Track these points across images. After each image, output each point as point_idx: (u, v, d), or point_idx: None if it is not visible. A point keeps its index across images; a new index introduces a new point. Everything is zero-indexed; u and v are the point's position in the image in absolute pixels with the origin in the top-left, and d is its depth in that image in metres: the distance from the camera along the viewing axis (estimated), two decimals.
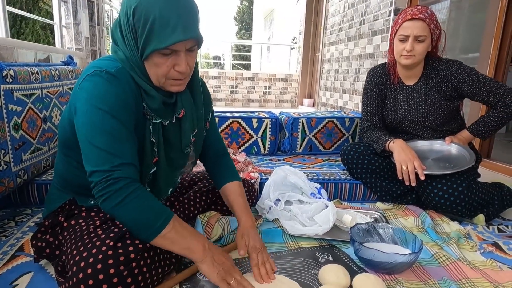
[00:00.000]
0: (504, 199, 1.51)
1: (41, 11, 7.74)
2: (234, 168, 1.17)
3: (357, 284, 0.94)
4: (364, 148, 1.61)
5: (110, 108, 0.79)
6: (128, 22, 0.80)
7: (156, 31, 0.78)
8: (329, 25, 5.53)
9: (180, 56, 0.82)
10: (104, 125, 0.79)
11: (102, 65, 0.82)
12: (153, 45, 0.79)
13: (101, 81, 0.80)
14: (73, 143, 0.90)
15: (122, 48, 0.84)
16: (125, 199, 0.78)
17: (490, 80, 1.43)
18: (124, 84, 0.82)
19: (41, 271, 0.98)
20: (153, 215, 0.80)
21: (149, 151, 0.90)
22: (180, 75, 0.85)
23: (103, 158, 0.78)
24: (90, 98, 0.79)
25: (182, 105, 0.93)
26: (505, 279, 1.01)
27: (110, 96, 0.79)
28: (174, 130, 0.95)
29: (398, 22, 1.45)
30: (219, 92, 6.89)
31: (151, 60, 0.82)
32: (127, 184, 0.78)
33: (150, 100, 0.87)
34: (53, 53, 2.50)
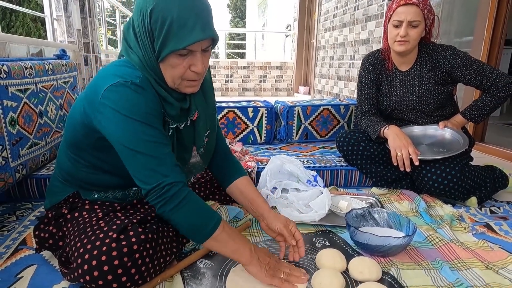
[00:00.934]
0: (496, 181, 1.55)
1: (30, 3, 7.61)
2: (240, 164, 1.15)
3: (353, 267, 0.97)
4: (359, 135, 1.63)
5: (143, 117, 0.80)
6: (144, 24, 0.80)
7: (174, 32, 0.77)
8: (323, 11, 5.49)
9: (196, 56, 0.82)
10: (143, 134, 0.80)
11: (124, 74, 0.81)
12: (171, 46, 0.79)
13: (129, 91, 0.80)
14: (85, 145, 0.91)
15: (136, 50, 0.84)
16: (180, 204, 0.81)
17: (483, 65, 1.44)
18: (149, 93, 0.83)
19: (45, 263, 1.00)
20: (205, 218, 0.83)
21: None
22: (196, 75, 0.85)
23: (152, 165, 0.80)
24: (121, 109, 0.79)
25: (196, 107, 0.94)
26: (495, 258, 1.05)
27: (140, 106, 0.80)
28: (187, 132, 0.96)
29: (392, 7, 1.46)
30: (214, 81, 6.86)
31: (167, 61, 0.82)
32: (180, 189, 0.81)
33: (168, 106, 0.87)
34: (45, 47, 2.47)
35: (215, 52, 14.15)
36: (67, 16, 2.95)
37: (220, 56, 10.28)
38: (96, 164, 0.93)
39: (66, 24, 2.96)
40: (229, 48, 11.14)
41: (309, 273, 0.96)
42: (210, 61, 5.95)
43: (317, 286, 0.89)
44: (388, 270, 0.98)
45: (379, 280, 0.94)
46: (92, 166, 0.94)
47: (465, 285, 0.92)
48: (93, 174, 0.95)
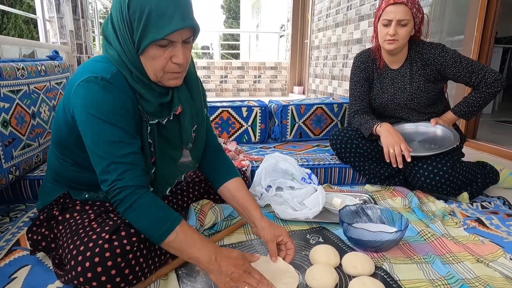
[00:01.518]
0: (487, 177, 1.57)
1: (22, 5, 7.55)
2: (233, 164, 1.12)
3: (346, 262, 0.98)
4: (352, 133, 1.65)
5: (108, 116, 0.79)
6: (122, 16, 0.79)
7: (153, 22, 0.76)
8: (317, 11, 5.52)
9: (177, 47, 0.81)
10: (105, 134, 0.79)
11: (96, 70, 0.81)
12: (150, 36, 0.77)
13: (96, 88, 0.79)
14: (70, 143, 0.90)
15: (115, 45, 0.83)
16: (130, 207, 0.79)
17: (472, 62, 1.47)
18: (119, 89, 0.81)
19: (39, 263, 1.00)
20: (156, 223, 0.80)
21: (148, 151, 0.90)
22: (178, 67, 0.83)
23: (108, 167, 0.79)
24: (87, 106, 0.79)
25: (179, 101, 0.92)
26: (486, 252, 1.07)
27: (106, 104, 0.79)
28: (172, 128, 0.94)
29: (381, 7, 1.48)
30: (209, 82, 6.86)
31: (148, 53, 0.81)
32: (130, 193, 0.79)
33: (145, 103, 0.85)
34: (38, 48, 2.46)
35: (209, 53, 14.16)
36: (60, 17, 2.94)
37: (215, 57, 10.27)
38: (80, 162, 0.92)
39: (58, 25, 2.95)
40: (223, 49, 11.14)
41: (303, 269, 0.97)
42: (204, 61, 5.92)
43: (310, 281, 0.90)
44: (381, 265, 1.00)
45: (372, 274, 0.95)
46: (78, 164, 0.93)
47: (456, 278, 0.94)
48: (79, 173, 0.94)
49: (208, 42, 18.09)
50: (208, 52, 14.61)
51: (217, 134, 2.07)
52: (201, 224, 1.16)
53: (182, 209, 1.20)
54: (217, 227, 1.20)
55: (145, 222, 0.80)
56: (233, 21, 21.13)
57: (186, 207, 1.21)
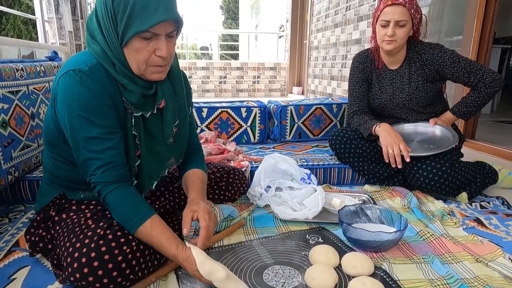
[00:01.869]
0: (486, 177, 1.57)
1: (21, 5, 7.55)
2: (203, 161, 1.15)
3: (345, 262, 0.98)
4: (351, 133, 1.65)
5: (84, 110, 0.81)
6: (106, 8, 0.79)
7: (137, 13, 0.78)
8: (316, 11, 5.53)
9: (161, 40, 0.82)
10: (81, 129, 0.82)
11: (76, 63, 0.82)
12: (134, 28, 0.79)
13: (73, 82, 0.80)
14: (58, 140, 0.91)
15: (99, 38, 0.83)
16: (104, 201, 0.86)
17: (470, 62, 1.47)
18: (96, 82, 0.82)
19: (38, 264, 1.00)
20: (125, 217, 0.85)
21: (132, 144, 0.91)
22: (161, 60, 0.84)
23: (83, 163, 0.84)
24: (65, 101, 0.82)
25: (163, 96, 0.93)
26: (485, 252, 1.07)
27: (83, 98, 0.81)
28: (156, 122, 0.95)
29: (379, 8, 1.48)
30: (208, 83, 6.86)
31: (131, 45, 0.82)
32: (102, 188, 0.85)
33: (128, 94, 0.87)
34: (36, 49, 2.46)
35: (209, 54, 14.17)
36: (59, 18, 2.94)
37: (214, 57, 10.28)
38: (69, 159, 0.93)
39: (57, 26, 2.95)
40: (222, 49, 11.14)
41: (303, 269, 0.97)
42: (204, 62, 5.92)
43: (310, 281, 0.90)
44: (380, 265, 1.00)
45: (371, 274, 0.95)
46: (67, 161, 0.94)
47: (455, 278, 0.94)
48: (70, 171, 0.95)
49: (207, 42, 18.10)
50: (207, 53, 14.62)
51: (217, 135, 2.07)
52: None
53: (179, 208, 1.20)
54: (217, 228, 1.19)
55: (116, 216, 0.86)
56: (232, 21, 21.14)
57: (182, 206, 1.21)
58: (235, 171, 1.37)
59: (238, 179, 1.36)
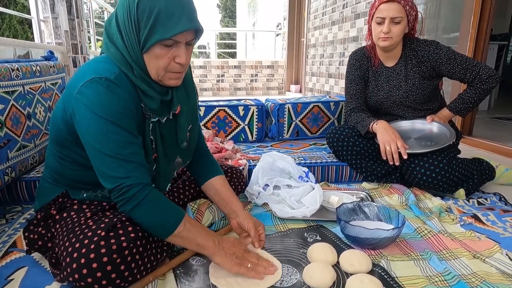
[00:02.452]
0: (483, 173, 1.58)
1: (17, 5, 7.50)
2: (218, 164, 1.18)
3: (343, 259, 0.98)
4: (349, 131, 1.65)
5: (113, 116, 0.81)
6: (130, 14, 0.81)
7: (161, 21, 0.80)
8: (313, 9, 5.52)
9: (181, 48, 0.84)
10: (110, 134, 0.82)
11: (100, 71, 0.83)
12: (157, 35, 0.80)
13: (101, 89, 0.81)
14: (68, 142, 0.91)
15: (118, 43, 0.84)
16: (139, 204, 0.83)
17: (466, 58, 1.47)
18: (123, 89, 0.83)
19: (36, 265, 1.00)
20: (166, 216, 0.86)
21: (150, 148, 0.92)
22: (180, 67, 0.87)
23: (114, 165, 0.82)
24: (92, 107, 0.81)
25: (178, 101, 0.95)
26: (482, 248, 1.07)
27: (111, 105, 0.81)
28: (169, 126, 0.97)
29: (374, 5, 1.48)
30: (206, 81, 6.85)
31: (152, 52, 0.83)
32: (140, 190, 0.83)
33: (148, 100, 0.88)
34: (32, 49, 2.45)
35: (206, 52, 14.13)
36: (54, 18, 2.93)
37: (211, 56, 10.25)
38: (80, 161, 0.94)
39: (53, 25, 2.93)
40: (220, 48, 11.13)
41: (301, 267, 0.97)
42: (201, 61, 5.92)
43: (308, 279, 0.90)
44: (378, 262, 1.00)
45: (369, 272, 0.95)
46: (77, 163, 0.94)
47: (453, 274, 0.94)
48: (79, 172, 0.95)
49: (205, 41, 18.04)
50: (205, 51, 14.57)
51: (214, 133, 2.07)
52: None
53: (180, 206, 1.20)
54: (215, 227, 1.20)
55: (155, 217, 0.85)
56: (229, 20, 21.09)
57: (183, 205, 1.21)
58: (232, 169, 1.37)
59: (236, 177, 1.36)
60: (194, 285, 0.90)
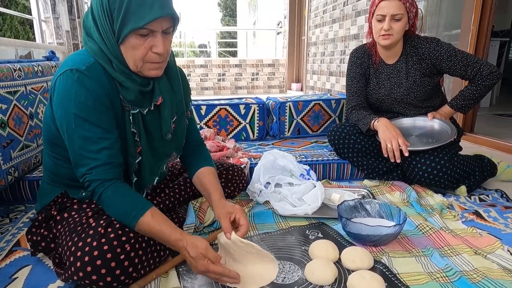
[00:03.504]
0: (484, 170, 1.58)
1: (18, 5, 7.52)
2: (210, 156, 1.15)
3: (345, 256, 0.99)
4: (350, 128, 1.65)
5: (81, 110, 0.81)
6: (102, 6, 0.80)
7: (133, 10, 0.78)
8: (313, 7, 5.51)
9: (157, 37, 0.83)
10: (78, 129, 0.82)
11: (73, 63, 0.83)
12: (130, 25, 0.79)
13: (70, 82, 0.81)
14: (58, 140, 0.91)
15: (95, 36, 0.84)
16: (99, 199, 0.85)
17: (467, 55, 1.47)
18: (94, 81, 0.82)
19: (40, 263, 1.00)
20: (126, 210, 0.84)
21: (132, 141, 0.91)
22: (158, 57, 0.85)
23: (79, 161, 0.84)
24: (62, 100, 0.82)
25: (160, 92, 0.93)
26: (484, 244, 1.07)
27: (80, 98, 0.81)
28: (153, 118, 0.95)
29: (375, 2, 1.48)
30: (207, 80, 6.85)
31: (128, 43, 0.82)
32: (98, 186, 0.84)
33: (125, 91, 0.87)
34: (34, 49, 2.46)
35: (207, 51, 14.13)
36: (55, 18, 2.94)
37: (212, 55, 10.25)
38: None
39: (54, 25, 2.94)
40: (220, 46, 11.12)
41: (302, 264, 0.98)
42: (202, 60, 5.90)
43: (310, 276, 0.91)
44: (380, 258, 1.00)
45: (371, 268, 0.96)
46: (69, 160, 0.92)
47: (454, 270, 0.94)
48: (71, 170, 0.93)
49: (206, 40, 18.03)
50: (206, 51, 14.57)
51: (216, 132, 2.08)
52: (201, 222, 1.17)
53: (179, 205, 1.21)
54: (217, 225, 1.20)
55: (115, 210, 0.85)
56: (230, 18, 21.07)
57: (183, 203, 1.22)
58: (234, 168, 1.37)
59: (238, 175, 1.37)
60: (197, 282, 0.91)
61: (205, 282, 0.91)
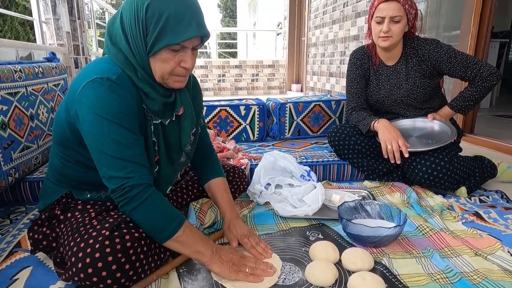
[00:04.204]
0: (484, 171, 1.58)
1: (18, 7, 7.52)
2: (220, 165, 1.20)
3: (345, 258, 0.99)
4: (350, 129, 1.65)
5: (115, 117, 0.82)
6: (137, 18, 0.81)
7: (171, 27, 0.80)
8: (313, 8, 5.52)
9: (187, 53, 0.85)
10: (112, 134, 0.82)
11: (102, 71, 0.83)
12: (166, 40, 0.80)
13: (103, 89, 0.81)
14: (72, 143, 0.92)
15: (122, 44, 0.84)
16: (140, 205, 0.83)
17: (466, 56, 1.47)
18: (125, 90, 0.84)
19: (40, 264, 1.00)
20: (167, 220, 0.85)
21: (152, 150, 0.92)
22: (185, 71, 0.87)
23: (117, 166, 0.82)
24: (94, 107, 0.81)
25: (182, 103, 0.95)
26: (484, 245, 1.08)
27: (113, 105, 0.81)
28: (173, 129, 0.97)
29: (374, 4, 1.49)
30: (207, 81, 6.85)
31: (159, 56, 0.84)
32: (142, 191, 0.83)
33: (150, 102, 0.88)
34: (34, 50, 2.46)
35: (207, 52, 14.14)
36: (56, 19, 2.94)
37: (212, 56, 10.25)
38: (83, 162, 0.94)
39: (55, 26, 2.95)
40: (220, 47, 11.13)
41: (303, 265, 0.98)
42: (202, 61, 5.91)
43: (310, 277, 0.91)
44: (380, 260, 1.00)
45: (371, 269, 0.96)
46: (81, 164, 0.95)
47: (454, 271, 0.95)
48: (82, 172, 0.96)
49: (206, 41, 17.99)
50: (206, 51, 14.58)
51: (216, 133, 2.08)
52: (201, 223, 1.17)
53: (181, 207, 1.21)
54: (217, 226, 1.20)
55: (156, 219, 0.85)
56: (230, 19, 21.10)
57: (185, 205, 1.22)
58: (234, 169, 1.37)
59: (238, 177, 1.37)
60: (197, 283, 0.91)
61: (206, 283, 0.91)
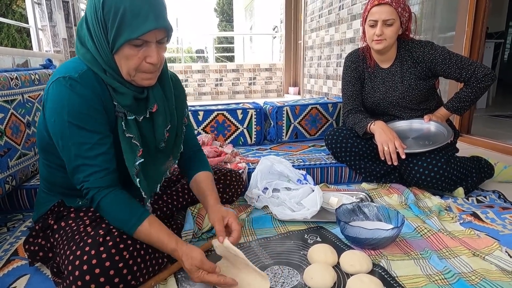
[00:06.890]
0: (482, 171, 1.58)
1: (15, 14, 7.53)
2: (208, 163, 1.15)
3: (344, 260, 0.99)
4: (347, 132, 1.66)
5: (75, 117, 0.81)
6: (97, 15, 0.80)
7: (127, 21, 0.78)
8: (309, 11, 5.54)
9: (151, 47, 0.83)
10: (73, 136, 0.82)
11: (66, 70, 0.83)
12: (125, 35, 0.79)
13: (63, 89, 0.81)
14: (52, 148, 0.91)
15: (89, 45, 0.84)
16: (98, 206, 0.86)
17: (461, 58, 1.48)
18: (87, 88, 0.82)
19: (38, 272, 1.00)
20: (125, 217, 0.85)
21: (128, 146, 0.89)
22: (152, 67, 0.85)
23: (77, 168, 0.84)
24: (55, 109, 0.82)
25: (155, 99, 0.93)
26: (482, 246, 1.08)
27: (74, 105, 0.81)
28: (147, 126, 0.95)
29: (366, 8, 1.50)
30: (204, 86, 6.86)
31: (122, 52, 0.82)
32: (96, 194, 0.84)
33: (120, 97, 0.87)
34: (31, 57, 2.46)
35: (204, 57, 14.17)
36: (52, 26, 2.95)
37: (209, 60, 10.27)
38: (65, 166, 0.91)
39: (51, 33, 2.95)
40: (217, 52, 11.15)
41: (301, 269, 0.98)
42: (199, 65, 5.90)
43: (308, 280, 0.91)
44: (379, 262, 1.00)
45: (370, 272, 0.96)
46: (62, 168, 0.93)
47: (453, 272, 0.95)
48: (66, 178, 0.93)
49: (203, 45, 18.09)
50: (203, 56, 14.60)
51: (213, 137, 2.08)
52: (199, 228, 1.16)
53: (177, 210, 1.21)
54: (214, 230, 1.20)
55: (112, 219, 0.86)
56: (226, 23, 21.17)
57: (182, 209, 1.22)
58: (232, 173, 1.37)
59: (236, 180, 1.37)
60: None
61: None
